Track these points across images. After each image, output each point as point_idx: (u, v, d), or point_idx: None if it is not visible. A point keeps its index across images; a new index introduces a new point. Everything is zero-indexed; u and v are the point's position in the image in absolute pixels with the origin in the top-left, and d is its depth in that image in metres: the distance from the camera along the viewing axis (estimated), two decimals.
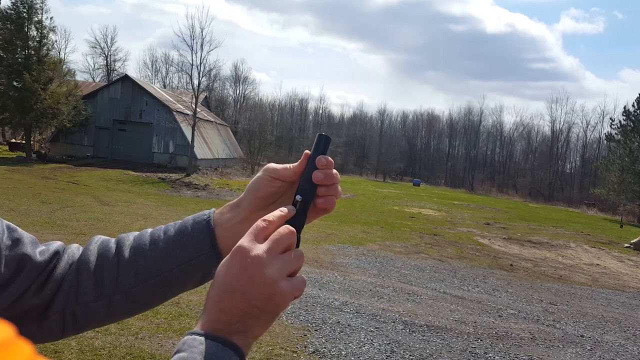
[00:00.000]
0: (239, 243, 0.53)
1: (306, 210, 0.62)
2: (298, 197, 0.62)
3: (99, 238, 0.73)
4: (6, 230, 0.65)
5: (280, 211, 0.58)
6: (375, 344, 5.00)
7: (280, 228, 0.55)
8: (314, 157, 0.63)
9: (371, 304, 6.40)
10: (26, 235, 0.68)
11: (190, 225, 0.69)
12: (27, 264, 0.65)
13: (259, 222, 0.55)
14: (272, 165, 0.67)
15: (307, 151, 0.64)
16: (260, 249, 0.52)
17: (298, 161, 0.66)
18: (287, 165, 0.66)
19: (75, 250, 0.72)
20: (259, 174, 0.68)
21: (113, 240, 0.72)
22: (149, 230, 0.72)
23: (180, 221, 0.71)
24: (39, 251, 0.68)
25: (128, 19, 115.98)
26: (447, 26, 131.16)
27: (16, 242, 0.65)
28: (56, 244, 0.72)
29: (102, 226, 9.84)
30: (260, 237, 0.54)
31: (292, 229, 0.56)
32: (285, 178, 0.66)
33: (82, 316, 0.67)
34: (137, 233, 0.72)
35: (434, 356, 4.87)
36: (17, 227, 0.67)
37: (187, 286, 0.70)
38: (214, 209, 0.71)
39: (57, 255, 0.70)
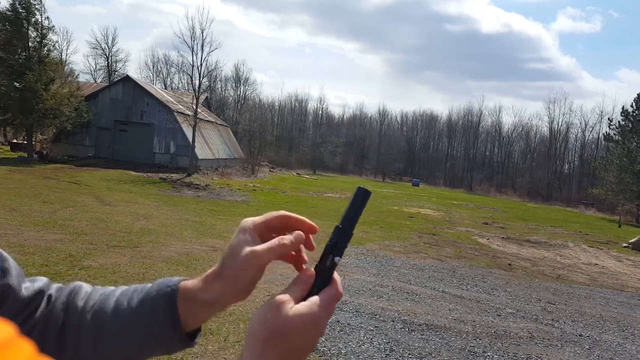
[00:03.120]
0: (310, 313, 0.54)
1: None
2: (337, 259, 0.58)
3: (69, 291, 0.69)
4: None
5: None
6: (374, 342, 5.05)
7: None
8: (354, 212, 0.59)
9: (370, 303, 6.45)
10: (15, 267, 0.65)
11: (152, 299, 0.63)
12: (10, 296, 0.63)
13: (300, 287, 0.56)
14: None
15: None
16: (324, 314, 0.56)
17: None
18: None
19: (54, 292, 0.69)
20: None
21: (82, 296, 0.68)
22: (117, 293, 0.67)
23: (145, 289, 0.65)
24: (25, 287, 0.65)
25: (125, 18, 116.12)
26: (444, 26, 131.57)
27: (5, 272, 0.63)
28: (40, 283, 0.69)
29: (104, 226, 9.89)
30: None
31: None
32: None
33: None
34: (103, 292, 0.68)
35: (433, 355, 4.92)
36: (8, 257, 0.65)
37: (147, 357, 0.66)
38: (181, 279, 0.65)
39: (40, 294, 0.67)
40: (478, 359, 4.99)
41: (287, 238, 0.59)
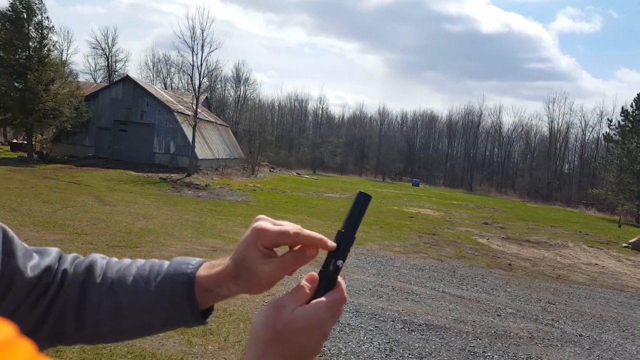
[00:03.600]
0: (313, 315, 0.54)
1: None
2: (340, 263, 0.58)
3: (85, 268, 0.69)
4: (3, 241, 0.63)
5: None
6: (374, 342, 5.06)
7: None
8: (355, 216, 0.60)
9: (370, 303, 6.46)
10: (20, 247, 0.65)
11: (170, 288, 0.64)
12: (17, 277, 0.63)
13: (304, 290, 0.56)
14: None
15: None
16: (330, 319, 0.55)
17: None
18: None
19: (68, 267, 0.69)
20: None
21: (98, 272, 0.68)
22: (132, 271, 0.68)
23: (162, 272, 0.66)
24: (31, 266, 0.65)
25: (125, 18, 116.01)
26: (443, 26, 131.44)
27: (11, 254, 0.63)
28: (49, 259, 0.68)
29: (104, 226, 9.89)
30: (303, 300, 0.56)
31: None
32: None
33: (65, 342, 0.69)
34: (118, 267, 0.69)
35: (433, 355, 4.92)
36: (14, 236, 0.65)
37: (163, 332, 0.69)
38: (198, 262, 0.66)
39: (48, 271, 0.67)
40: (478, 359, 4.99)
41: (300, 260, 0.60)
